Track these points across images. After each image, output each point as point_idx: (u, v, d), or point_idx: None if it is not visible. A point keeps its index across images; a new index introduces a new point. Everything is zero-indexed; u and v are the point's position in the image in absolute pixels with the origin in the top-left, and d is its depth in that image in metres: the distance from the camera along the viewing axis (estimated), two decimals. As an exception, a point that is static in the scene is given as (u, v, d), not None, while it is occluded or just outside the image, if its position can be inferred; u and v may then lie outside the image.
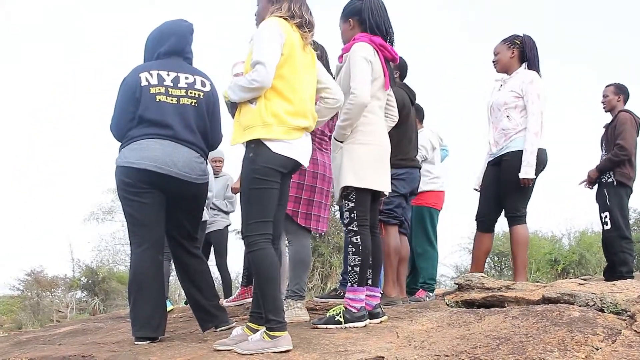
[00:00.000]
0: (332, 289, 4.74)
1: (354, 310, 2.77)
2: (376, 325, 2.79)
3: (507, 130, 3.75)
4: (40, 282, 12.20)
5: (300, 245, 3.27)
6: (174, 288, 8.53)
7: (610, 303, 2.61)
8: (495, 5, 23.76)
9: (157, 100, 2.78)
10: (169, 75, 2.85)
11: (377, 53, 2.90)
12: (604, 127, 4.82)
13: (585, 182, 4.79)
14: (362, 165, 2.82)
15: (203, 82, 2.94)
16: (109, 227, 19.06)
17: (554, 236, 11.49)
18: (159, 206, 2.80)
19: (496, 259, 11.05)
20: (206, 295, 2.97)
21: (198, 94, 2.89)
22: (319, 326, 2.77)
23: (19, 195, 20.98)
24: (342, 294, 3.60)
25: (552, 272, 9.98)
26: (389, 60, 3.01)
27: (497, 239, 9.79)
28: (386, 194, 3.10)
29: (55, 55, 23.52)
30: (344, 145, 2.87)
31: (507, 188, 3.72)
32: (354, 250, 2.80)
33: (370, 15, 2.94)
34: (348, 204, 2.84)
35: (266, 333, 2.30)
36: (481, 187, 4.01)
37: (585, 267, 9.98)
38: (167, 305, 3.29)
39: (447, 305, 3.25)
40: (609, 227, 4.55)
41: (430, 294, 4.34)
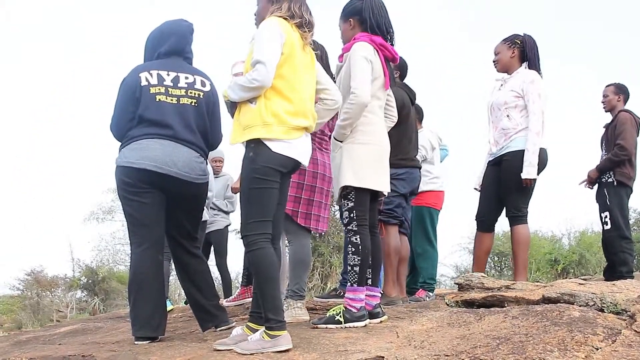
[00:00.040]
0: (332, 288, 4.74)
1: (353, 310, 2.77)
2: (376, 325, 2.79)
3: (507, 130, 3.74)
4: (40, 282, 12.20)
5: (300, 245, 3.26)
6: (174, 288, 8.52)
7: (610, 303, 2.60)
8: (495, 5, 23.78)
9: (157, 100, 2.78)
10: (169, 75, 2.85)
11: (378, 53, 2.90)
12: (604, 127, 4.82)
13: (586, 182, 4.79)
14: (361, 165, 2.82)
15: (203, 82, 2.94)
16: (109, 226, 19.06)
17: (554, 236, 11.52)
18: (159, 206, 2.80)
19: (496, 258, 11.06)
20: (206, 295, 2.97)
21: (198, 94, 2.89)
22: (319, 326, 2.76)
23: (19, 195, 21.02)
24: (342, 293, 3.60)
25: (552, 272, 9.98)
26: (389, 60, 3.00)
27: (497, 239, 9.80)
28: (385, 194, 3.10)
29: (55, 55, 23.55)
30: (343, 144, 2.87)
31: (507, 188, 3.72)
32: (353, 250, 2.80)
33: (371, 15, 2.94)
34: (347, 204, 2.84)
35: (266, 332, 2.30)
36: (481, 186, 4.01)
37: (585, 267, 9.98)
38: (167, 305, 3.29)
39: (447, 305, 3.25)
40: (609, 227, 4.56)
41: (430, 293, 4.35)
